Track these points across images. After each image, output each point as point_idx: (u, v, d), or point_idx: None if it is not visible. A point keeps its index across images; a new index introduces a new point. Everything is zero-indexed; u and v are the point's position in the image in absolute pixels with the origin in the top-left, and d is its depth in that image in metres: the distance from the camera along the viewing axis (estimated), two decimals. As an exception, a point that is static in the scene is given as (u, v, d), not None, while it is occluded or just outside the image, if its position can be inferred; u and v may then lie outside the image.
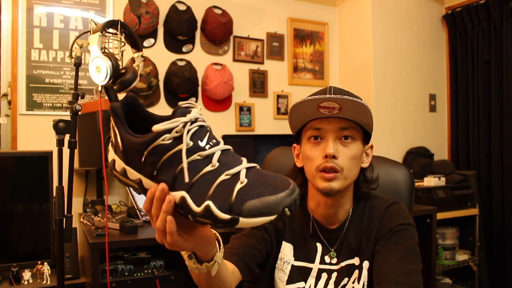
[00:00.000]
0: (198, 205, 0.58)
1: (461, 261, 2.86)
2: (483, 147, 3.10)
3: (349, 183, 1.01)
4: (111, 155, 0.65)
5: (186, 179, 0.58)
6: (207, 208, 0.57)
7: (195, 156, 0.59)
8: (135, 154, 0.61)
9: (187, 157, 0.59)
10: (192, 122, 0.60)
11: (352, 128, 0.98)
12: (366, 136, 1.03)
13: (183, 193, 0.58)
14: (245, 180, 0.58)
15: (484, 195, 3.07)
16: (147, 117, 0.66)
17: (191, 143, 0.59)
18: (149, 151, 0.59)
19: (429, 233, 2.52)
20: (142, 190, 0.63)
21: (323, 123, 0.98)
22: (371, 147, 1.07)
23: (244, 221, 0.56)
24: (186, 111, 0.61)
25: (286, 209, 0.56)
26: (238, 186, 0.57)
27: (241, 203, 0.56)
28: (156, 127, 0.58)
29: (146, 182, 0.62)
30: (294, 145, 1.10)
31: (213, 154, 0.60)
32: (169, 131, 0.59)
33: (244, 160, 0.61)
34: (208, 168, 0.59)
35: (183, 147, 0.58)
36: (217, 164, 0.59)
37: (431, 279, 2.53)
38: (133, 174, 0.63)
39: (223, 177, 0.58)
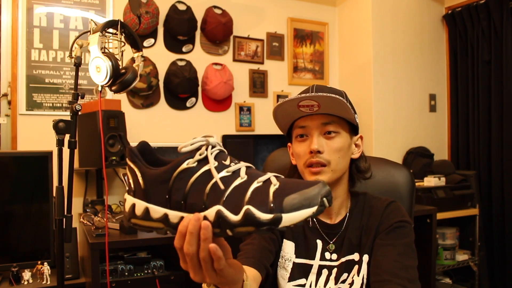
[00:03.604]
0: (237, 214, 0.57)
1: (461, 261, 2.86)
2: (483, 147, 3.10)
3: (338, 176, 1.04)
4: (129, 201, 0.64)
5: (222, 186, 0.59)
6: (247, 212, 0.56)
7: (223, 173, 0.61)
8: (158, 187, 0.62)
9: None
10: (213, 146, 0.63)
11: (335, 122, 1.03)
12: (353, 128, 1.07)
13: (218, 207, 0.58)
14: (277, 183, 0.59)
15: (484, 195, 3.07)
16: (158, 161, 0.67)
17: (216, 162, 0.61)
18: (175, 177, 0.61)
19: (429, 233, 2.52)
20: (168, 226, 0.62)
21: (307, 121, 1.03)
22: (361, 137, 1.11)
23: (287, 217, 0.55)
24: (206, 138, 0.63)
25: (325, 199, 0.56)
26: (273, 188, 0.58)
27: (281, 200, 0.56)
28: (181, 147, 0.61)
29: (173, 215, 0.61)
30: (289, 144, 1.14)
31: (239, 169, 0.62)
32: (192, 155, 0.62)
33: (268, 172, 0.63)
34: (238, 180, 0.60)
35: (211, 164, 0.61)
36: (246, 176, 0.61)
37: (431, 279, 2.53)
38: (156, 211, 0.62)
39: (255, 184, 0.59)
